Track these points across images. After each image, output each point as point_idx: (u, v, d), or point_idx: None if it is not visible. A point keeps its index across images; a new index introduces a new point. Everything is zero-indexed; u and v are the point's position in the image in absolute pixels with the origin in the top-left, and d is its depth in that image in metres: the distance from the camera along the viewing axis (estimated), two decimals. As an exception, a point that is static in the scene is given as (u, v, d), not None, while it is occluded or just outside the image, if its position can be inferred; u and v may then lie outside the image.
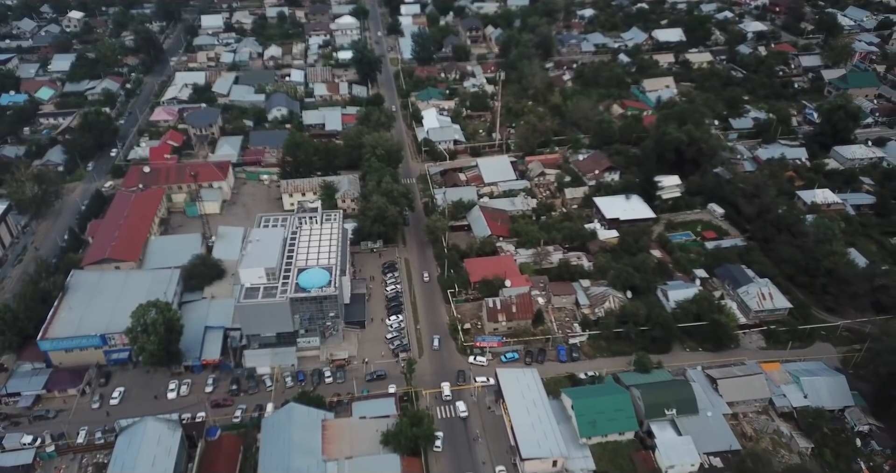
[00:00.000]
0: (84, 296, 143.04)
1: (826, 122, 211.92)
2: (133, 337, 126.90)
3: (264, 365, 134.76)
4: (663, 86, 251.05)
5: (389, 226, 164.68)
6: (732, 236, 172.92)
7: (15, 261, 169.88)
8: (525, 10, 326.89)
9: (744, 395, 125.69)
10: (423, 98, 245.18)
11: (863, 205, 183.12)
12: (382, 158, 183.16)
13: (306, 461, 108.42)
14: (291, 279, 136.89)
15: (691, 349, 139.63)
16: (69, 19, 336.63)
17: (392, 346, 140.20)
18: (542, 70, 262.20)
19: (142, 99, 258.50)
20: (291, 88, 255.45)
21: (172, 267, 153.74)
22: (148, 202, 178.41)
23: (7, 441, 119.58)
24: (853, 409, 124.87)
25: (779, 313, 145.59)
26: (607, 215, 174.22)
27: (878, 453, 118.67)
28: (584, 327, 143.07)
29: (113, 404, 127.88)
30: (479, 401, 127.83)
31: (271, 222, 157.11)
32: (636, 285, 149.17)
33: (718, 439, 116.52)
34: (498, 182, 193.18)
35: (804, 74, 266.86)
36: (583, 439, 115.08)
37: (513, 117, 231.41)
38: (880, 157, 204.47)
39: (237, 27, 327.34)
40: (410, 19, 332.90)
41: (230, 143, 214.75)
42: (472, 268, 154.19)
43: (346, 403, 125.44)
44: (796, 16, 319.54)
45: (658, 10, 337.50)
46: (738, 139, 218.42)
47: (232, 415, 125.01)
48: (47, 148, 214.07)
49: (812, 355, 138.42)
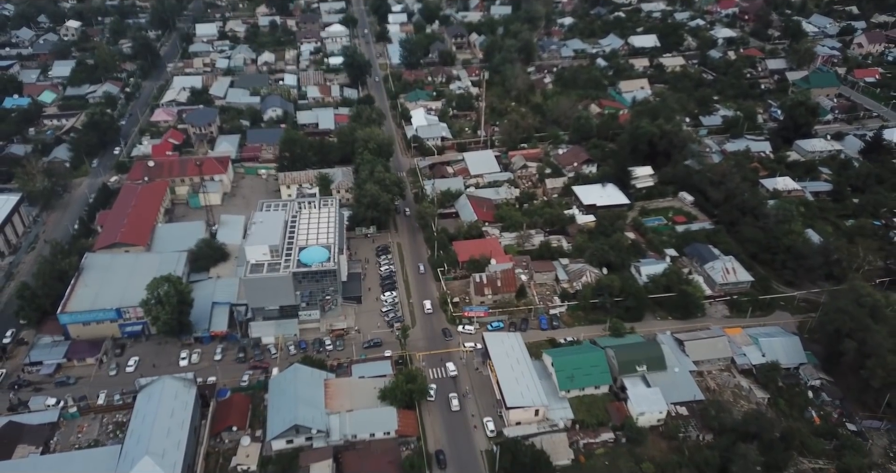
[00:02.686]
0: (98, 275, 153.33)
1: (788, 117, 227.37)
2: (148, 309, 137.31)
3: (268, 335, 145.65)
4: (638, 87, 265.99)
5: (382, 212, 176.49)
6: (701, 221, 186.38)
7: (28, 248, 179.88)
8: (507, 19, 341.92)
9: (708, 354, 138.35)
10: (412, 99, 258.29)
11: (821, 192, 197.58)
12: (374, 152, 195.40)
13: (311, 412, 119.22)
14: (293, 256, 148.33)
15: (661, 318, 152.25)
16: (66, 28, 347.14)
17: (387, 318, 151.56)
18: (524, 73, 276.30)
19: (141, 102, 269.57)
20: (285, 91, 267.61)
21: (180, 251, 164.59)
22: (153, 193, 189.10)
23: (33, 404, 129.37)
24: (806, 366, 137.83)
25: (742, 286, 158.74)
26: (585, 201, 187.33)
27: (827, 403, 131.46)
28: (563, 299, 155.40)
29: (129, 372, 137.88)
30: (468, 364, 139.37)
31: (272, 207, 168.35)
32: (611, 262, 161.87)
33: (684, 391, 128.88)
34: (483, 174, 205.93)
35: (770, 76, 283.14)
36: (562, 392, 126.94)
37: (497, 116, 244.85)
38: (838, 149, 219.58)
39: (231, 35, 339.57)
40: (398, 27, 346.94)
41: (228, 141, 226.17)
42: (460, 249, 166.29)
43: (346, 366, 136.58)
44: (764, 23, 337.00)
45: (634, 19, 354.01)
46: (708, 135, 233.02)
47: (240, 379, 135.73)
48: (53, 147, 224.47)
49: (771, 322, 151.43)
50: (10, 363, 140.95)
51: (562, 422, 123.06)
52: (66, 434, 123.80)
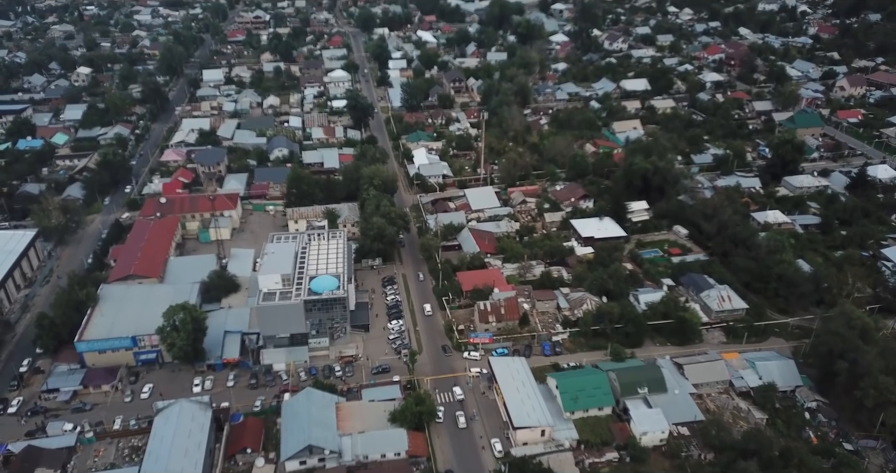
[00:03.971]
0: (114, 305, 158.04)
1: (776, 155, 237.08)
2: (164, 335, 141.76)
3: (280, 362, 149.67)
4: (631, 128, 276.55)
5: (388, 244, 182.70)
6: (696, 252, 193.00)
7: (43, 281, 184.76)
8: (503, 64, 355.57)
9: (706, 377, 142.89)
10: (413, 140, 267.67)
11: (810, 224, 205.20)
12: (379, 188, 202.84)
13: (324, 433, 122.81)
14: (304, 285, 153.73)
15: (660, 344, 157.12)
16: (77, 74, 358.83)
17: (394, 346, 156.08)
18: (521, 115, 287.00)
19: (151, 143, 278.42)
20: (290, 132, 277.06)
21: (192, 282, 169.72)
22: (165, 228, 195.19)
23: (50, 429, 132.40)
24: (802, 388, 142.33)
25: (737, 313, 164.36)
26: (583, 233, 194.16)
27: (824, 424, 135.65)
28: (565, 326, 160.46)
29: (143, 398, 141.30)
30: (475, 388, 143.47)
31: (283, 239, 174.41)
32: (611, 290, 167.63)
33: (685, 412, 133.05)
34: (484, 209, 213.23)
35: (757, 117, 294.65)
36: (567, 413, 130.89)
37: (495, 156, 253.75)
38: (825, 185, 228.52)
39: (237, 80, 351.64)
40: (398, 72, 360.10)
41: (236, 179, 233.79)
42: (464, 279, 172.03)
43: (356, 390, 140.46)
44: (749, 68, 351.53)
45: (625, 64, 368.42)
46: (700, 172, 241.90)
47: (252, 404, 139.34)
48: (66, 185, 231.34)
49: (767, 347, 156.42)
50: (27, 390, 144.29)
51: (567, 442, 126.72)
52: (83, 458, 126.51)
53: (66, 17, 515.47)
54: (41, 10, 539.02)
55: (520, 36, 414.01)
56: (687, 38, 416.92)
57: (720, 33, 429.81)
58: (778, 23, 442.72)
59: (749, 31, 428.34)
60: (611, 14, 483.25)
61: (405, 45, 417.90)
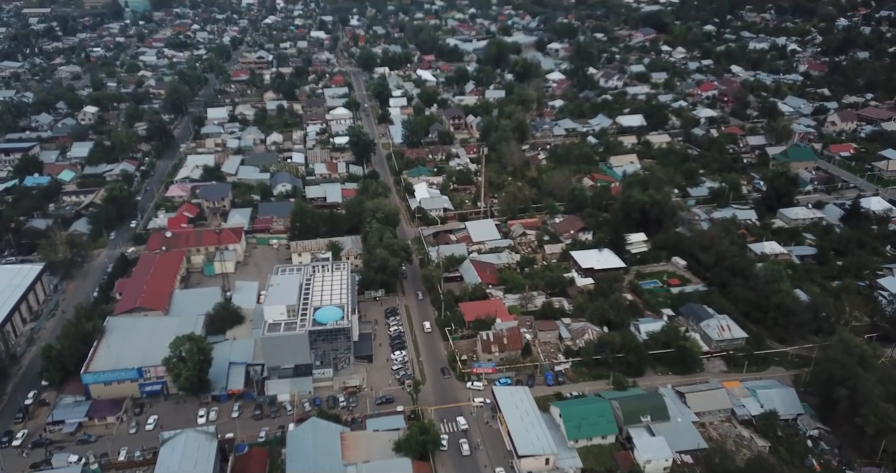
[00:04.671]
0: (120, 337, 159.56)
1: (771, 187, 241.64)
2: (170, 366, 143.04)
3: (284, 393, 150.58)
4: (628, 162, 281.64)
5: (391, 275, 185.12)
6: (694, 283, 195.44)
7: (48, 315, 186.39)
8: (501, 101, 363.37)
9: (708, 406, 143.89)
10: (414, 175, 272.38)
11: (806, 255, 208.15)
12: (382, 221, 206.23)
13: (329, 462, 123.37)
14: (309, 316, 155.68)
15: (662, 373, 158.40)
16: (84, 113, 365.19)
17: (398, 376, 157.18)
18: (520, 150, 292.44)
19: (156, 179, 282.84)
20: (293, 168, 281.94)
21: (197, 315, 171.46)
22: (171, 262, 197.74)
23: (55, 461, 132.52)
24: (804, 417, 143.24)
25: (737, 342, 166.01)
26: (583, 265, 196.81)
27: (826, 452, 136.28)
28: (567, 355, 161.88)
29: (148, 429, 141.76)
30: (478, 418, 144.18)
31: (287, 271, 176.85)
32: (611, 320, 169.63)
33: (688, 440, 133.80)
34: (485, 241, 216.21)
35: (751, 151, 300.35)
36: (570, 441, 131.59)
37: (495, 189, 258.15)
38: (820, 217, 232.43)
39: (240, 118, 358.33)
40: (398, 110, 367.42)
41: (241, 213, 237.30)
42: (466, 310, 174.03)
43: (360, 420, 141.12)
44: (742, 104, 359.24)
45: (620, 101, 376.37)
46: (696, 204, 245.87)
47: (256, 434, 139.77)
48: (72, 220, 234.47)
49: (767, 376, 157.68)
50: (33, 423, 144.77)
51: (571, 470, 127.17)
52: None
53: (73, 58, 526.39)
54: (49, 52, 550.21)
55: (517, 74, 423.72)
56: (680, 76, 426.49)
57: (713, 71, 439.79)
58: (769, 61, 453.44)
59: (741, 68, 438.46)
60: (606, 53, 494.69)
61: (405, 83, 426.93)
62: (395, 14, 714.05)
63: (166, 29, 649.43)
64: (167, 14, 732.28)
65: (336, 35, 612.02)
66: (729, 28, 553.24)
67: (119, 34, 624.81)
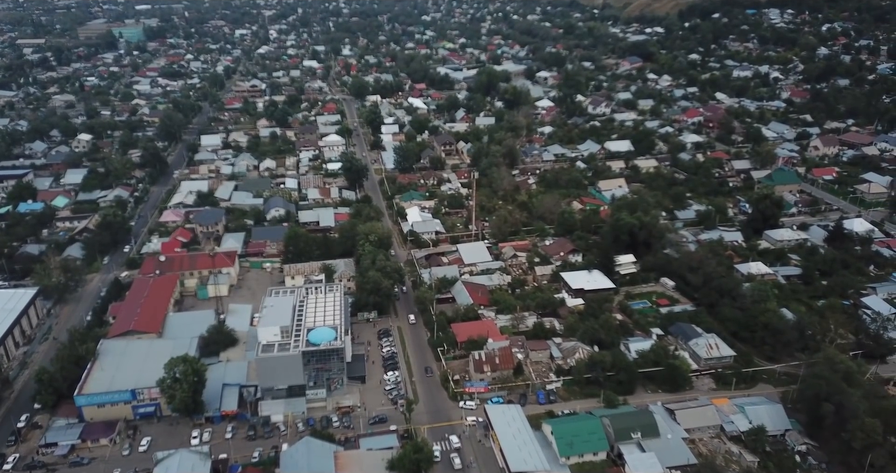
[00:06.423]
0: (114, 360, 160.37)
1: (756, 210, 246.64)
2: (165, 387, 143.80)
3: (278, 413, 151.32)
4: (616, 186, 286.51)
5: (384, 297, 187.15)
6: (683, 303, 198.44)
7: (42, 339, 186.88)
8: (491, 128, 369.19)
9: (698, 422, 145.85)
10: (406, 199, 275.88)
11: (792, 275, 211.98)
12: (375, 244, 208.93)
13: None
14: (302, 337, 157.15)
15: (652, 391, 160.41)
16: (78, 141, 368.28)
17: (391, 396, 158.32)
18: (510, 175, 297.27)
19: (150, 204, 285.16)
20: (287, 193, 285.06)
21: (191, 337, 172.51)
22: (164, 285, 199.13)
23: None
24: (792, 432, 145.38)
25: (725, 360, 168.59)
26: (573, 285, 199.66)
27: (815, 467, 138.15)
28: (558, 374, 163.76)
29: (142, 451, 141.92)
30: (471, 437, 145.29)
31: (281, 293, 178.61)
32: (602, 339, 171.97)
33: (678, 456, 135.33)
34: (476, 263, 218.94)
35: (737, 175, 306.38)
36: (562, 458, 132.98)
37: (485, 213, 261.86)
38: (804, 238, 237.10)
39: (234, 145, 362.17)
40: (390, 137, 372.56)
41: (234, 238, 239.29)
42: (459, 330, 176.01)
43: (354, 439, 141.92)
44: (727, 130, 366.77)
45: (608, 127, 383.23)
46: (684, 227, 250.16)
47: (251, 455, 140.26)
48: (66, 246, 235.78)
49: (755, 393, 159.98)
50: (25, 446, 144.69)
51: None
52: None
53: (68, 87, 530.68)
54: (43, 81, 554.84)
55: (507, 102, 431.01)
56: (667, 103, 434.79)
57: (698, 98, 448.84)
58: (752, 88, 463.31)
59: (725, 95, 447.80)
60: (593, 81, 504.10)
61: (397, 111, 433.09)
62: (386, 44, 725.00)
63: (160, 59, 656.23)
64: (161, 44, 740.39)
65: (328, 64, 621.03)
66: (713, 57, 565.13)
67: (113, 64, 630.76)
